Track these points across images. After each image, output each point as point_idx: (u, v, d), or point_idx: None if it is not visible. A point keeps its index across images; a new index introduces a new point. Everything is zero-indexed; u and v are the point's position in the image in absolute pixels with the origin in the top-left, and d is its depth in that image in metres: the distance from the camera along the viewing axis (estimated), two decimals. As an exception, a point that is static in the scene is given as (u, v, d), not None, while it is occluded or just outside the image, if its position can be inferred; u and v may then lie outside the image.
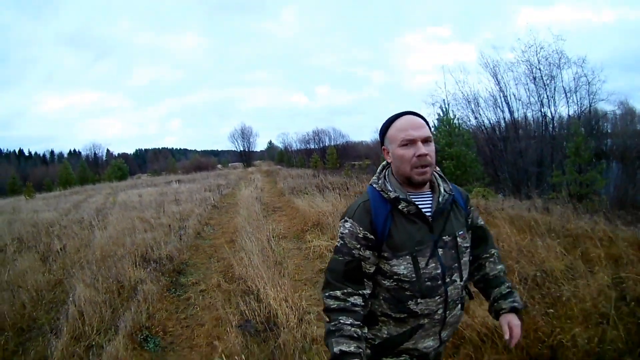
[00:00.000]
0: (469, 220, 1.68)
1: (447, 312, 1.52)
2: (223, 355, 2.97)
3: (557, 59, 18.96)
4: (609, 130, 31.35)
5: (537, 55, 19.41)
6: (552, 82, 19.42)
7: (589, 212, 7.18)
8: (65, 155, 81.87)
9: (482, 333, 2.85)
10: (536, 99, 19.78)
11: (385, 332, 1.55)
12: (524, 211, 7.11)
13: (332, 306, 1.47)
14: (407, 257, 1.46)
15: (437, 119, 15.47)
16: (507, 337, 1.56)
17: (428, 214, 1.50)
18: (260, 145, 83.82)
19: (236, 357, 2.95)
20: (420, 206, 1.50)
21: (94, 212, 13.11)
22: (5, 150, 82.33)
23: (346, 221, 1.54)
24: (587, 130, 18.90)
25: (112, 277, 5.12)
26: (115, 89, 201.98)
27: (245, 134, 62.69)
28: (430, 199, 1.55)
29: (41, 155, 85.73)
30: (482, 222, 1.77)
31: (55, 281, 5.82)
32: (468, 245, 1.60)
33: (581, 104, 19.25)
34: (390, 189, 1.52)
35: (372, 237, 1.48)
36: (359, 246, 1.49)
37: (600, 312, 2.91)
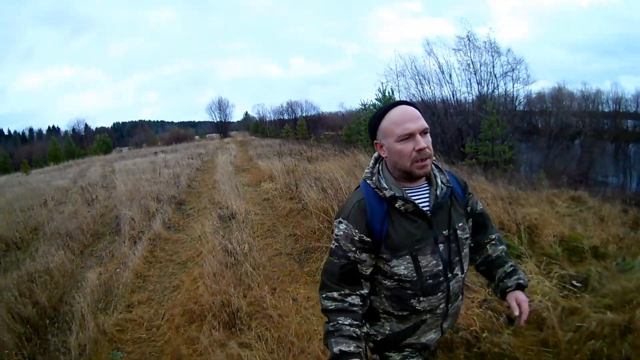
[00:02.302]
0: (468, 208, 1.68)
1: (449, 305, 1.55)
2: (209, 223, 6.51)
3: (490, 48, 22.34)
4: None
5: (472, 43, 22.82)
6: (485, 67, 22.68)
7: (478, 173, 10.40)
8: (45, 132, 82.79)
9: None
10: (474, 80, 23.19)
11: (388, 329, 1.58)
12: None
13: (329, 307, 1.49)
14: (407, 257, 1.46)
15: (376, 98, 18.86)
16: (516, 313, 1.55)
17: (426, 209, 1.49)
18: (236, 116, 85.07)
19: (215, 224, 6.48)
20: (417, 202, 1.48)
21: (100, 178, 16.37)
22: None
23: (341, 222, 1.52)
24: (510, 109, 22.65)
25: (142, 206, 8.58)
26: (91, 63, 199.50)
27: (221, 106, 64.97)
28: (428, 192, 1.53)
29: (20, 133, 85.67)
30: (481, 208, 1.75)
31: (100, 214, 9.22)
32: (468, 236, 1.60)
33: (506, 86, 22.79)
34: (386, 187, 1.48)
35: (368, 239, 1.47)
36: (354, 249, 1.48)
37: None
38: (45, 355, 3.68)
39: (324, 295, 1.52)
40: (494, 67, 22.53)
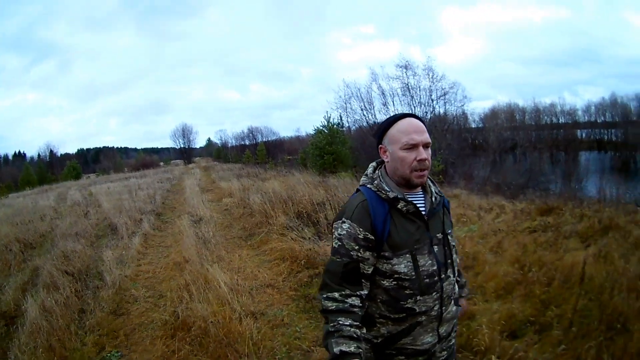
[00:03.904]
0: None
1: (443, 307, 1.62)
2: (184, 225, 9.29)
3: (427, 74, 25.51)
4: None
5: (410, 70, 25.97)
6: (425, 92, 25.70)
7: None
8: (10, 158, 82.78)
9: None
10: (412, 104, 26.10)
11: (385, 331, 1.62)
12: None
13: (330, 307, 1.52)
14: (407, 255, 1.56)
15: (322, 125, 21.95)
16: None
17: (423, 212, 1.62)
18: (199, 142, 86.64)
19: (188, 223, 9.29)
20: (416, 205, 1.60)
21: (82, 199, 18.71)
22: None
23: (344, 222, 1.59)
24: (442, 128, 26.09)
25: (129, 216, 11.27)
26: (53, 90, 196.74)
27: (185, 133, 66.82)
28: (423, 199, 1.67)
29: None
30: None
31: (95, 223, 11.80)
32: (455, 243, 1.74)
33: (441, 108, 26.15)
34: (388, 189, 1.59)
35: (372, 237, 1.54)
36: (357, 247, 1.54)
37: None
38: (88, 290, 6.30)
39: (324, 296, 1.55)
40: (430, 92, 25.68)
